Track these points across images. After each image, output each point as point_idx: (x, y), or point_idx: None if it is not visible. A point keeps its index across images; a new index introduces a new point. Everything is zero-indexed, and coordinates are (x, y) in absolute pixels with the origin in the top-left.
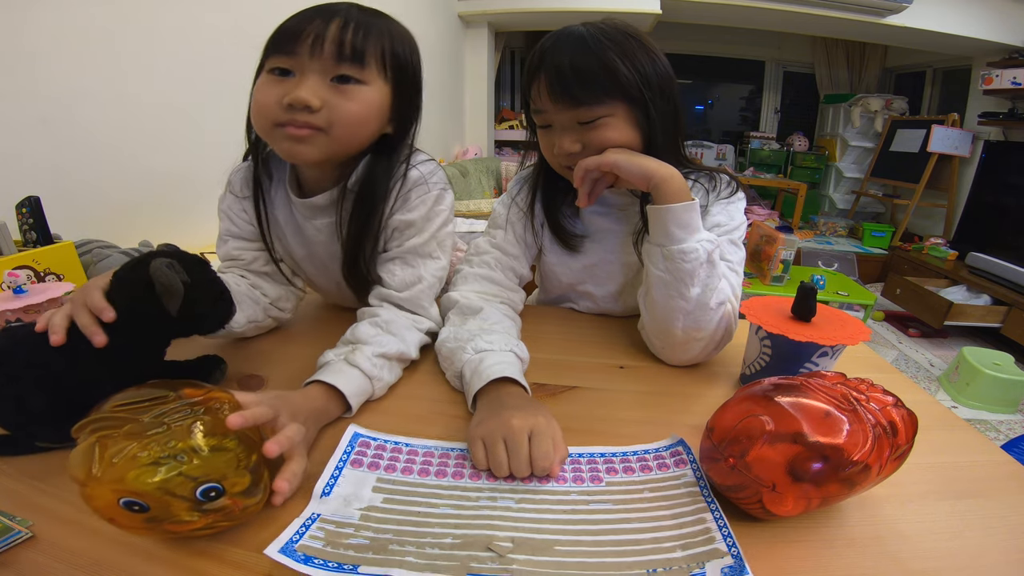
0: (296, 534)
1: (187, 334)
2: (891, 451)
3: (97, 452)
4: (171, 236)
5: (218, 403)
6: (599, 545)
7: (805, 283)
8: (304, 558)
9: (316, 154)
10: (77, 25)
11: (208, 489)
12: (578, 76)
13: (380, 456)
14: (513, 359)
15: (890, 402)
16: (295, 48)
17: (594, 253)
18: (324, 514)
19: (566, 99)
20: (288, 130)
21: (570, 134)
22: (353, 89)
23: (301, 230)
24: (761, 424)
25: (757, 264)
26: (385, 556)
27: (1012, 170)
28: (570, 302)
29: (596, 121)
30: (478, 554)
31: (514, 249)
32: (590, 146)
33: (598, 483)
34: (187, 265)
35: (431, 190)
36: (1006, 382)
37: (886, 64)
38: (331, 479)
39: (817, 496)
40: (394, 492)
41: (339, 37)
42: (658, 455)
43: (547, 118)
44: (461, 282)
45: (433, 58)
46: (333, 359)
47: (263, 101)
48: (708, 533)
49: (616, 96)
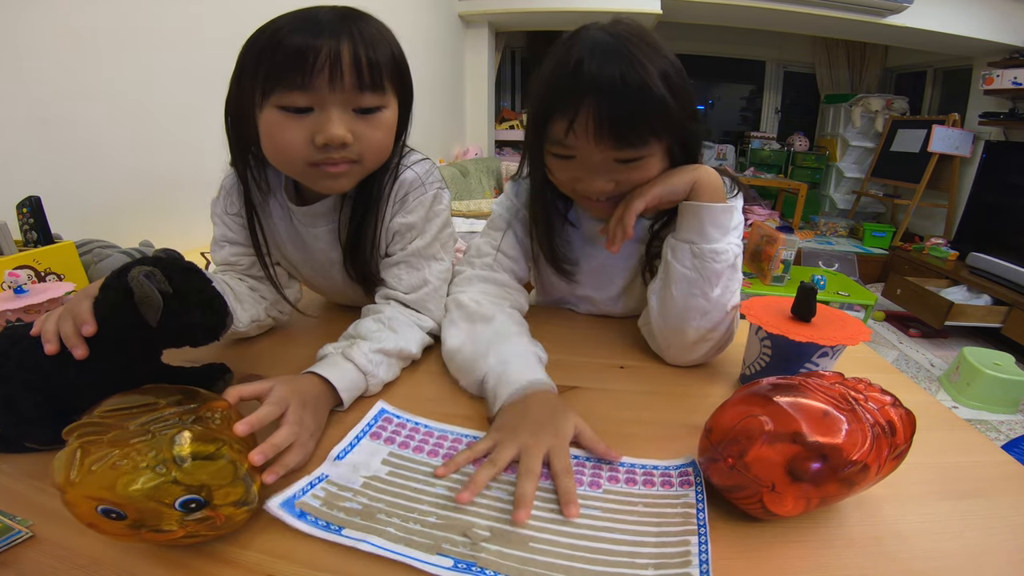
0: (301, 491)
1: (175, 345)
2: (890, 450)
3: (78, 458)
4: (171, 236)
5: (210, 411)
6: (574, 549)
7: (805, 283)
8: (299, 513)
9: (352, 183)
10: (77, 25)
11: (189, 500)
12: (631, 119)
13: (398, 433)
14: (536, 362)
15: (888, 401)
16: (311, 81)
17: (594, 258)
18: (332, 476)
19: (611, 141)
20: (327, 169)
21: (604, 174)
22: (376, 117)
23: (300, 237)
24: (760, 424)
25: (757, 264)
26: (369, 524)
27: (1013, 170)
28: (569, 305)
29: (636, 161)
30: (454, 537)
31: (514, 252)
32: (623, 185)
33: (596, 488)
34: (172, 274)
35: (428, 190)
36: (1006, 382)
37: (887, 64)
38: (348, 446)
39: (816, 496)
40: (399, 467)
41: (354, 63)
42: (665, 473)
43: (575, 152)
44: (465, 283)
45: (433, 58)
46: (331, 352)
47: (288, 141)
48: (686, 557)
49: (663, 136)
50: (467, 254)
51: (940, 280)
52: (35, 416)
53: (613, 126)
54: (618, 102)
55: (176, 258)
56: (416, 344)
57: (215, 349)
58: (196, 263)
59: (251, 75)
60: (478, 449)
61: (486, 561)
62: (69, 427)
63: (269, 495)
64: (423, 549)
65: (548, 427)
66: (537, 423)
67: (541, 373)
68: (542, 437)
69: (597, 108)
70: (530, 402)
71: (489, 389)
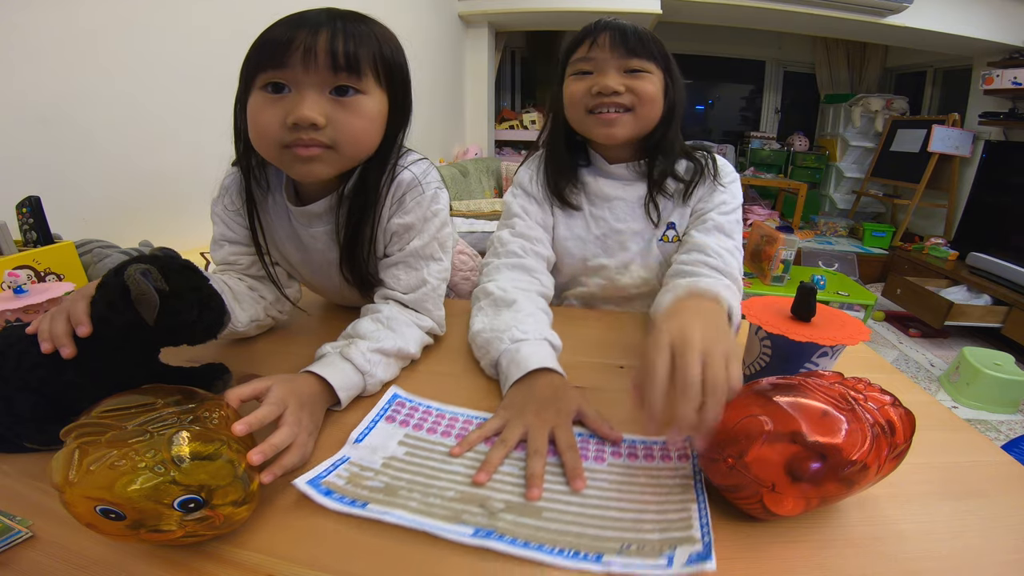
0: (325, 471)
1: (172, 343)
2: (889, 450)
3: (76, 458)
4: (171, 236)
5: (208, 411)
6: (583, 517)
7: (805, 283)
8: (326, 491)
9: (328, 171)
10: (77, 25)
11: (187, 500)
12: (636, 35)
13: (411, 416)
14: (548, 348)
15: (888, 401)
16: (286, 59)
17: (604, 222)
18: (353, 458)
19: (623, 49)
20: (297, 151)
21: (616, 75)
22: (353, 101)
23: (298, 237)
24: (760, 424)
25: (757, 264)
26: (392, 499)
27: (1013, 170)
28: (581, 285)
29: (641, 72)
30: (472, 508)
31: (535, 232)
32: (632, 90)
33: (600, 462)
34: (168, 272)
35: (425, 191)
36: (1006, 382)
37: (887, 64)
38: (366, 429)
39: (816, 496)
40: (416, 447)
41: (331, 46)
42: (664, 447)
43: (595, 64)
44: (494, 272)
45: (433, 58)
46: (330, 351)
47: (264, 123)
48: (687, 522)
49: (657, 60)
50: (491, 247)
51: (940, 280)
52: (33, 416)
53: (624, 40)
54: (628, 29)
55: (172, 256)
56: (415, 344)
57: (213, 349)
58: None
59: (245, 67)
60: (488, 428)
61: (504, 529)
62: (67, 427)
63: (268, 495)
64: (444, 519)
65: (551, 406)
66: (541, 402)
67: (550, 358)
68: (546, 416)
69: (613, 30)
70: (535, 383)
71: (502, 370)
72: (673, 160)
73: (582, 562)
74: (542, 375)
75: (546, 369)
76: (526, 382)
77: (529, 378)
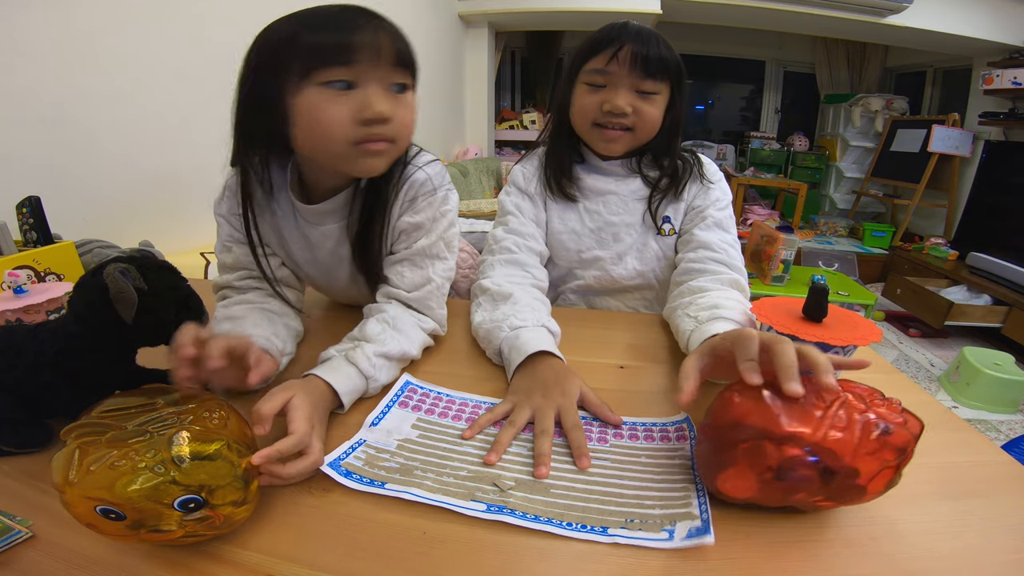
0: (344, 453)
1: (150, 343)
2: (896, 457)
3: (76, 458)
4: (172, 236)
5: (207, 411)
6: (589, 493)
7: (817, 284)
8: (345, 472)
9: (387, 165)
10: (77, 25)
11: (187, 500)
12: (657, 55)
13: (423, 401)
14: (546, 334)
15: (895, 408)
16: (354, 57)
17: (598, 215)
18: (369, 440)
19: (641, 72)
20: (368, 146)
21: (628, 94)
22: (407, 97)
23: (306, 236)
24: (758, 424)
25: (757, 264)
26: (408, 478)
27: (1013, 170)
28: (578, 279)
29: (651, 95)
30: (484, 486)
31: (528, 228)
32: (637, 112)
33: (603, 443)
34: (147, 271)
35: (437, 192)
36: (1006, 382)
37: (886, 64)
38: (380, 414)
39: (812, 502)
40: (429, 431)
41: (394, 43)
42: (663, 428)
43: (610, 80)
44: (489, 269)
45: (433, 58)
46: (335, 355)
47: (331, 118)
48: (687, 499)
49: (670, 78)
50: (487, 245)
51: (940, 280)
52: (10, 418)
53: (645, 62)
54: (651, 48)
55: (150, 256)
56: (417, 346)
57: None
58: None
59: (281, 62)
60: (497, 412)
61: (515, 504)
62: (67, 427)
63: (268, 495)
64: (459, 497)
65: (556, 388)
66: (546, 385)
67: (549, 342)
68: (552, 397)
69: (635, 47)
70: (538, 368)
71: (505, 356)
72: (664, 160)
73: (589, 534)
74: (543, 360)
75: (546, 353)
76: (529, 368)
77: (531, 363)
